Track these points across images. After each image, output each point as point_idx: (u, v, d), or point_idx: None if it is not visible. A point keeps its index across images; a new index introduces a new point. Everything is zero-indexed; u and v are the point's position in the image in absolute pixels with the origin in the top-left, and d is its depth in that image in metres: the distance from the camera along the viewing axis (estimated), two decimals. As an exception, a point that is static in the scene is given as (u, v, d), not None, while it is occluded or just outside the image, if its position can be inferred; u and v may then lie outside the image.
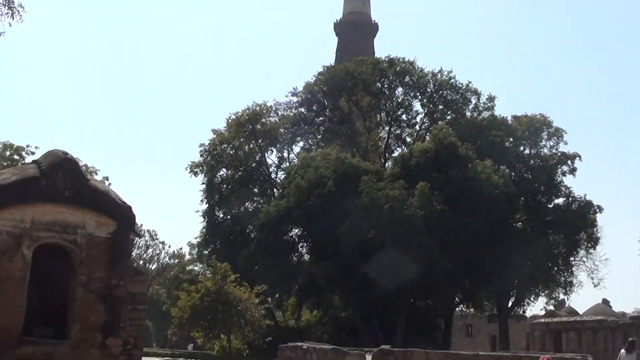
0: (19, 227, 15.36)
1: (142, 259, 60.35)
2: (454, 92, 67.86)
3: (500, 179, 52.01)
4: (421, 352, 28.05)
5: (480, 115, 67.21)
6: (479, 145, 58.46)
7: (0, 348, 14.85)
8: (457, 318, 71.68)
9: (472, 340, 79.33)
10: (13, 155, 61.46)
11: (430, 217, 48.80)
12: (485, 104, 68.32)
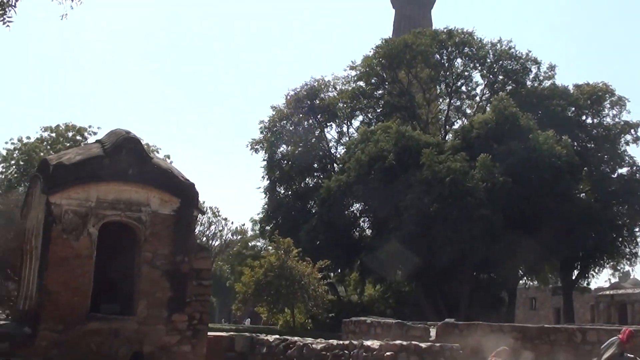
0: (84, 205, 15.64)
1: (205, 235, 60.89)
2: (513, 62, 66.91)
3: (562, 149, 51.11)
4: (485, 325, 27.83)
5: (541, 84, 66.08)
6: (540, 115, 57.50)
7: (69, 324, 15.16)
8: (521, 291, 71.04)
9: (536, 313, 78.59)
10: (76, 136, 62.39)
11: (493, 189, 48.30)
12: (545, 73, 67.22)
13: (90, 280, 15.49)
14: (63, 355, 15.05)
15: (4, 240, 32.09)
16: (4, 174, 60.94)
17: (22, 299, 17.83)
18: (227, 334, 22.68)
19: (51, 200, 15.46)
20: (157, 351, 15.79)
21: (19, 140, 62.13)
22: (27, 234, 18.52)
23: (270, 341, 21.66)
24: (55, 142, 60.73)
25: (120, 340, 15.52)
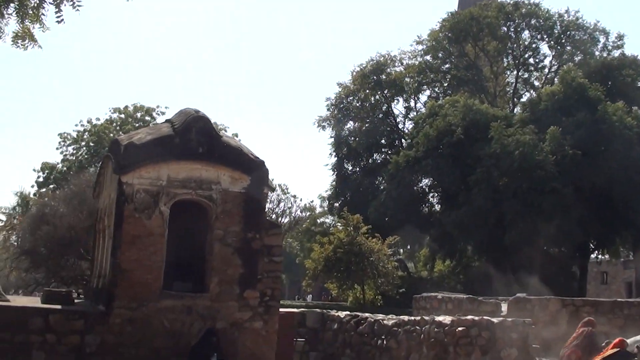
0: (155, 184, 15.78)
1: (274, 212, 61.30)
2: (581, 33, 66.03)
3: (633, 120, 50.25)
4: (557, 300, 27.51)
5: (610, 54, 65.07)
6: (610, 86, 56.52)
7: (142, 302, 15.36)
8: (592, 265, 69.98)
9: (608, 287, 77.26)
10: (144, 116, 63.35)
11: (562, 162, 47.75)
12: (614, 42, 66.29)
13: (162, 258, 15.65)
14: (137, 332, 15.26)
15: (76, 220, 32.62)
16: (75, 155, 62.17)
17: (96, 277, 18.12)
18: (298, 310, 22.80)
19: (123, 180, 15.64)
20: (230, 327, 15.90)
21: (88, 122, 63.38)
22: (100, 213, 18.81)
23: (341, 317, 21.72)
24: (124, 123, 61.81)
25: (193, 317, 15.67)
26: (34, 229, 34.13)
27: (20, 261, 38.77)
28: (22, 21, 13.82)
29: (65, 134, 63.65)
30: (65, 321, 15.19)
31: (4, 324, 14.92)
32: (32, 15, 13.47)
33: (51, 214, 34.18)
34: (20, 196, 65.09)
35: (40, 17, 13.31)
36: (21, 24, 13.97)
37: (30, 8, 13.45)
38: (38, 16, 13.31)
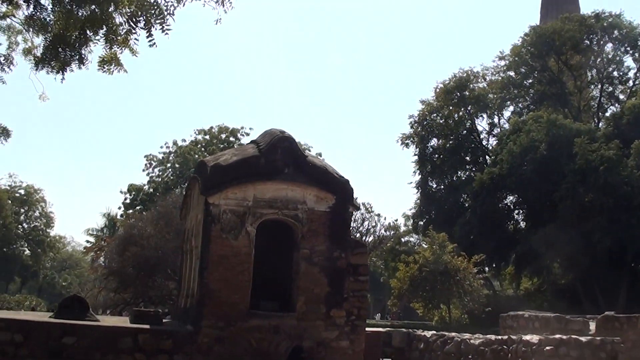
0: (242, 205, 15.89)
1: (358, 231, 61.27)
2: (666, 44, 64.52)
3: None
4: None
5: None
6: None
7: (230, 321, 15.43)
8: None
9: (698, 305, 74.77)
10: (229, 137, 64.08)
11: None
12: (699, 54, 64.58)
13: (249, 278, 15.72)
14: (224, 352, 15.32)
15: (163, 240, 33.13)
16: (161, 176, 63.24)
17: (183, 297, 18.27)
18: (384, 329, 22.63)
19: (210, 201, 15.79)
20: (316, 346, 15.86)
21: (174, 144, 64.47)
22: (187, 234, 18.99)
23: (428, 337, 21.45)
24: (209, 144, 62.66)
25: (280, 336, 15.67)
26: (122, 249, 34.78)
27: (108, 281, 39.54)
28: (110, 46, 14.13)
29: (151, 156, 64.91)
30: (154, 341, 15.34)
31: (95, 343, 15.15)
32: (121, 41, 13.76)
33: (139, 235, 34.80)
34: (107, 218, 66.51)
35: (129, 42, 13.58)
36: (109, 49, 14.28)
37: (119, 35, 13.74)
38: (127, 41, 13.58)
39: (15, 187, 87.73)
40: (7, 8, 18.28)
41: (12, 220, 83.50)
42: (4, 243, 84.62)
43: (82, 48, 15.80)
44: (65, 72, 15.78)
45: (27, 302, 53.71)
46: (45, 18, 16.51)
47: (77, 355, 15.05)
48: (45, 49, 16.78)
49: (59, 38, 15.95)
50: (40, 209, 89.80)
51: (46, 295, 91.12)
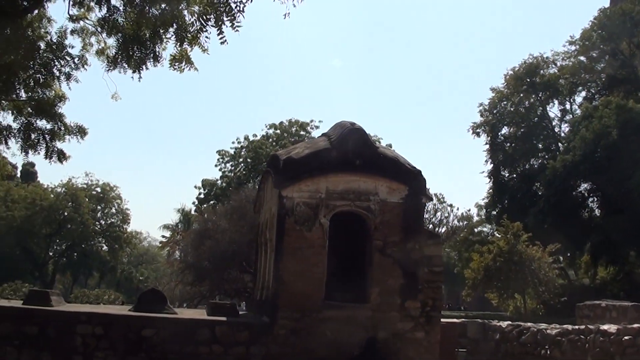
0: (315, 197, 16.01)
1: (431, 222, 60.95)
2: None
3: None
4: None
5: None
6: None
7: (305, 312, 15.57)
8: None
9: None
10: (299, 131, 64.33)
11: None
12: None
13: (324, 269, 15.82)
14: (300, 343, 15.46)
15: (238, 234, 33.44)
16: (233, 171, 63.79)
17: (259, 289, 18.49)
18: (459, 320, 22.54)
19: (283, 194, 15.94)
20: (391, 338, 15.87)
21: (245, 139, 64.94)
22: (261, 227, 19.19)
23: (503, 327, 21.32)
24: (279, 138, 62.98)
25: (355, 327, 15.73)
26: (198, 244, 35.25)
27: (184, 275, 40.10)
28: (180, 44, 14.36)
29: (223, 151, 65.52)
30: (231, 332, 15.58)
31: (173, 335, 15.47)
32: (191, 39, 13.97)
33: (213, 229, 35.22)
34: (182, 213, 67.38)
35: (199, 40, 13.79)
36: (179, 47, 14.52)
37: (190, 32, 13.96)
38: (197, 39, 13.79)
39: (91, 185, 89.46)
40: (80, 11, 18.68)
41: (90, 218, 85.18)
42: (83, 239, 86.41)
43: (155, 46, 16.10)
44: (141, 71, 16.08)
45: (106, 296, 54.82)
46: (117, 19, 16.84)
47: (156, 347, 15.38)
48: (118, 49, 17.14)
49: (132, 38, 16.27)
50: (116, 206, 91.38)
51: (124, 289, 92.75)
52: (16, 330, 15.39)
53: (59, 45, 18.99)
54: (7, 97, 19.17)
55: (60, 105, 19.97)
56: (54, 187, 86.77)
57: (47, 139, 19.79)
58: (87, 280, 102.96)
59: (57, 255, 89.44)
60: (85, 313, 15.95)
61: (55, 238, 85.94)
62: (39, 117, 19.73)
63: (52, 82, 19.48)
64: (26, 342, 15.35)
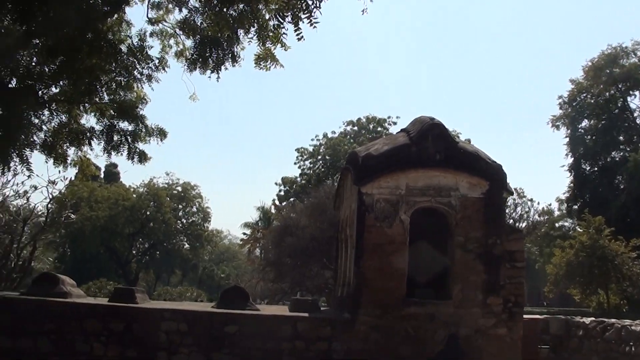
0: (394, 194, 16.02)
1: (511, 217, 60.33)
2: None
3: None
4: None
5: None
6: None
7: (386, 309, 15.59)
8: None
9: None
10: (377, 127, 64.29)
11: None
12: None
13: (404, 266, 15.81)
14: (381, 340, 15.49)
15: (318, 231, 33.65)
16: (312, 168, 64.10)
17: (340, 286, 18.57)
18: (541, 316, 22.28)
19: (363, 191, 15.99)
20: (473, 334, 15.79)
21: (324, 136, 65.17)
22: (341, 223, 19.26)
23: (587, 323, 20.99)
24: (357, 135, 63.02)
25: (437, 324, 15.69)
26: (278, 241, 35.56)
27: (265, 272, 40.51)
28: (263, 43, 14.51)
29: (302, 149, 65.91)
30: (313, 328, 15.71)
31: (256, 331, 15.68)
32: (273, 37, 14.11)
33: (294, 226, 35.48)
34: (262, 211, 67.97)
35: (281, 38, 13.90)
36: (262, 46, 14.67)
37: (270, 30, 14.09)
38: (278, 37, 13.91)
39: (172, 184, 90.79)
40: (158, 14, 19.02)
41: (171, 216, 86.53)
42: (165, 238, 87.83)
43: (233, 47, 16.29)
44: (219, 71, 16.29)
45: (188, 293, 55.64)
46: (195, 21, 17.08)
47: (239, 343, 15.60)
48: (197, 51, 17.40)
49: (210, 39, 16.49)
50: (197, 205, 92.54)
51: (205, 286, 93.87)
52: (103, 327, 15.81)
53: (139, 48, 19.35)
54: (90, 100, 19.61)
55: (142, 107, 20.34)
56: (136, 188, 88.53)
57: (129, 140, 20.17)
58: (170, 278, 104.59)
59: (140, 253, 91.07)
60: (169, 310, 16.26)
61: (138, 237, 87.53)
62: (121, 119, 20.13)
63: (133, 85, 19.85)
64: (112, 339, 15.76)
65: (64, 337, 15.82)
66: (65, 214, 43.00)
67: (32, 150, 19.26)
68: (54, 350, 15.73)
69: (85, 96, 19.03)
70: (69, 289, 17.47)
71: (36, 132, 19.20)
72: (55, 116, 19.50)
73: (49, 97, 19.01)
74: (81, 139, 19.97)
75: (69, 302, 16.56)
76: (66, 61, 16.78)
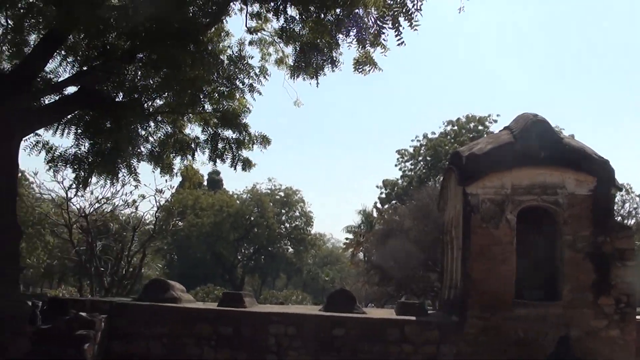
0: (500, 193, 15.81)
1: (619, 214, 58.71)
2: None
3: None
4: None
5: None
6: None
7: (495, 311, 15.39)
8: None
9: None
10: (477, 126, 63.54)
11: None
12: None
13: (512, 267, 15.58)
14: (491, 342, 15.31)
15: (422, 233, 33.45)
16: (413, 170, 63.82)
17: (447, 288, 18.42)
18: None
19: (467, 191, 15.84)
20: (584, 336, 15.42)
21: (424, 137, 64.81)
22: (446, 225, 19.11)
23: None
24: (457, 135, 62.44)
25: (547, 325, 15.41)
26: (382, 244, 35.49)
27: (370, 275, 40.49)
28: (362, 47, 14.54)
29: (402, 150, 65.69)
30: (420, 332, 15.67)
31: (363, 334, 15.74)
32: (372, 40, 14.12)
33: (397, 228, 35.38)
34: (363, 214, 68.01)
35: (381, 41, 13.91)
36: (362, 50, 14.70)
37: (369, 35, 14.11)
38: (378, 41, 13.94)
39: (275, 190, 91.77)
40: (257, 23, 19.27)
41: (275, 221, 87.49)
42: (269, 243, 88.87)
43: (332, 51, 16.38)
44: (319, 77, 16.41)
45: (294, 296, 56.09)
46: (294, 28, 17.23)
47: (346, 346, 15.69)
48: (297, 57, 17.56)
49: (310, 45, 16.61)
50: (299, 209, 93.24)
51: (310, 289, 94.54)
52: (213, 331, 16.15)
53: (239, 58, 19.65)
54: (194, 110, 20.00)
55: (244, 115, 20.63)
56: (240, 194, 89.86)
57: (233, 148, 20.50)
58: (275, 282, 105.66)
59: (245, 258, 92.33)
60: (277, 313, 16.49)
61: (243, 242, 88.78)
62: (224, 128, 20.46)
63: (235, 94, 20.16)
64: (222, 342, 16.10)
65: (175, 341, 16.26)
66: (172, 221, 43.94)
67: (139, 160, 19.77)
68: (166, 354, 16.17)
69: (189, 107, 19.43)
70: (179, 294, 17.90)
71: (143, 143, 19.68)
72: (161, 127, 19.96)
73: (155, 109, 19.48)
74: (186, 148, 20.39)
75: (180, 307, 16.99)
76: (170, 74, 17.16)
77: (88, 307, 16.89)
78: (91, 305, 17.21)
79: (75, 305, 16.85)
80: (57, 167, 19.46)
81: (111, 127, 18.39)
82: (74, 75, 17.75)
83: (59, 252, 65.12)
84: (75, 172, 19.08)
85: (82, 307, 16.74)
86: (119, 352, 16.33)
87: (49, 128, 18.63)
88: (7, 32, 17.20)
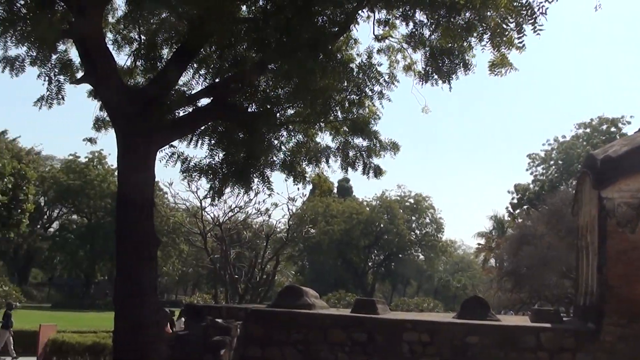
0: (636, 197, 15.35)
1: None
2: None
3: None
4: None
5: None
6: None
7: (633, 318, 14.91)
8: None
9: None
10: (610, 128, 61.86)
11: None
12: None
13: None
14: (629, 350, 14.87)
15: (555, 238, 32.82)
16: (545, 174, 62.68)
17: (582, 295, 18.04)
18: None
19: (602, 195, 15.45)
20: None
21: (555, 141, 63.58)
22: (581, 230, 18.72)
23: None
24: (590, 137, 60.95)
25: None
26: (515, 250, 35.01)
27: (503, 282, 39.98)
28: (497, 49, 14.41)
29: (533, 155, 64.69)
30: (556, 339, 15.37)
31: (497, 342, 15.56)
32: (507, 41, 13.99)
33: (530, 234, 34.84)
34: (495, 220, 67.26)
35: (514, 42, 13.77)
36: (497, 51, 14.57)
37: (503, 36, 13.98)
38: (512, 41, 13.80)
39: (404, 196, 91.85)
40: (384, 30, 19.35)
41: (405, 228, 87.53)
42: (400, 249, 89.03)
43: (465, 55, 16.30)
44: (451, 81, 16.35)
45: (425, 304, 55.91)
46: (422, 34, 17.23)
47: (480, 353, 15.55)
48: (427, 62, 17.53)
49: (440, 50, 16.58)
50: (430, 216, 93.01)
51: (441, 296, 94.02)
52: (347, 337, 16.29)
53: (369, 66, 19.74)
54: (326, 119, 20.19)
55: (374, 122, 20.71)
56: (369, 201, 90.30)
57: (364, 156, 20.60)
58: (405, 289, 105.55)
59: (375, 265, 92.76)
60: (410, 320, 16.53)
61: (374, 249, 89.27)
62: (355, 136, 20.59)
63: (365, 101, 20.27)
64: (356, 348, 16.22)
65: (309, 347, 16.47)
66: (305, 228, 44.45)
67: (272, 170, 20.11)
68: (301, 359, 16.37)
69: (320, 116, 19.60)
70: (312, 300, 18.12)
71: (276, 153, 20.01)
72: (293, 136, 20.23)
73: (286, 118, 19.76)
74: (318, 156, 20.62)
75: (314, 314, 17.20)
76: (301, 83, 17.39)
77: (224, 314, 17.30)
78: (227, 312, 17.62)
79: (211, 312, 17.30)
80: (192, 177, 19.99)
81: (244, 138, 18.78)
82: (207, 88, 18.22)
83: (193, 260, 66.98)
84: (209, 182, 19.55)
85: (217, 314, 17.17)
86: (255, 357, 16.68)
87: (184, 139, 19.15)
88: (141, 47, 17.82)
